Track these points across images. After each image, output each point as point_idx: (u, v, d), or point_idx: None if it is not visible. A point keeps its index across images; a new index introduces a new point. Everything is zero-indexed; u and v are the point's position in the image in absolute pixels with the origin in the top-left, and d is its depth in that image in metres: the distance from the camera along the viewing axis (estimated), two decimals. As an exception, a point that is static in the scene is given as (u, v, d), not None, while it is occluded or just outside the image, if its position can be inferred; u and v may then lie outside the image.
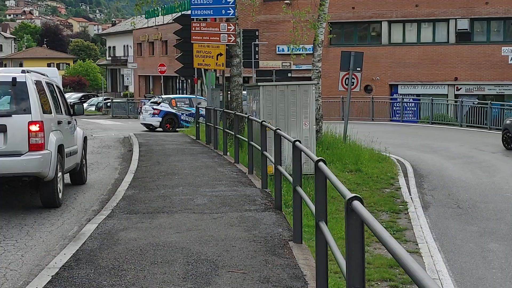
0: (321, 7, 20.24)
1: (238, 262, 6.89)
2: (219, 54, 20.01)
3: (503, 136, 23.40)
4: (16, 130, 10.11)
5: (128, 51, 77.70)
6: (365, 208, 3.73)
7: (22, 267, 7.58)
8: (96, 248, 7.52)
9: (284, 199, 10.68)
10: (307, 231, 9.23)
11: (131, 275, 6.44)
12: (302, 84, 15.28)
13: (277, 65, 43.04)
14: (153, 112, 30.28)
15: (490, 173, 17.86)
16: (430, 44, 42.78)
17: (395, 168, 17.91)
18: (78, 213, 10.62)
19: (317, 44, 20.11)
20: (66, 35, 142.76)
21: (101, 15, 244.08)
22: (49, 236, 9.06)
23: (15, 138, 10.09)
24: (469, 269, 9.90)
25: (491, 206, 13.92)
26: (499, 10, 40.90)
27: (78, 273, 6.57)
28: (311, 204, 6.39)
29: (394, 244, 3.02)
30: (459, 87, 41.63)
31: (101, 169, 15.90)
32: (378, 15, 43.35)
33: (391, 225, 11.75)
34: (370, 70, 39.23)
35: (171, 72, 41.98)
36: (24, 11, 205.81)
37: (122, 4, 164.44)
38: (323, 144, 18.78)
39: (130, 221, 8.92)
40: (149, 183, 12.28)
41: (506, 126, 23.41)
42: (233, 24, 19.62)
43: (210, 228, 8.43)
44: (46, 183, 10.51)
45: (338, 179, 4.90)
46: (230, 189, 11.45)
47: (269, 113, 14.77)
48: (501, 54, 40.30)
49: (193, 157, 16.60)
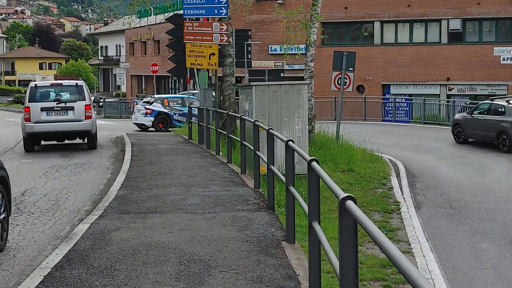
0: (314, 7, 20.25)
1: (231, 262, 6.87)
2: (212, 54, 20.00)
3: (454, 130, 25.01)
4: (79, 108, 19.07)
5: (120, 51, 77.54)
6: (358, 208, 3.73)
7: (14, 267, 7.55)
8: (88, 248, 7.49)
9: (277, 199, 10.67)
10: (299, 231, 9.23)
11: (124, 275, 6.43)
12: (294, 84, 15.29)
13: (269, 65, 43.04)
14: (145, 112, 30.23)
15: (483, 173, 17.90)
16: (423, 44, 42.86)
17: (388, 168, 17.93)
18: (70, 213, 10.59)
19: (310, 44, 20.11)
20: (58, 34, 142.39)
21: (93, 14, 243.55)
22: (41, 236, 9.03)
23: (78, 112, 19.04)
24: (462, 268, 9.92)
25: (483, 206, 13.95)
26: (491, 11, 41.01)
27: (70, 273, 6.54)
28: (304, 204, 6.39)
29: (387, 244, 3.01)
30: (451, 87, 41.73)
31: (93, 169, 15.87)
32: (370, 15, 43.40)
33: (383, 225, 11.77)
34: (362, 70, 39.26)
35: (164, 71, 41.92)
36: (16, 11, 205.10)
37: (115, 4, 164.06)
38: (316, 144, 18.79)
39: (122, 221, 8.90)
40: (142, 183, 12.26)
41: (457, 121, 24.94)
42: (225, 24, 19.60)
43: (202, 228, 8.42)
44: (91, 135, 19.75)
45: (331, 179, 4.90)
46: (222, 189, 11.44)
47: (261, 113, 14.76)
48: (493, 54, 40.42)
49: (186, 157, 16.58)
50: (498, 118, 22.69)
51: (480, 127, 23.64)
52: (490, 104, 24.03)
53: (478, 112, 24.26)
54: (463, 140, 24.50)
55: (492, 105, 23.67)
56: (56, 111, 18.89)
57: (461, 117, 25.12)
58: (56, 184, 13.45)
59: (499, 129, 22.49)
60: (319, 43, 35.91)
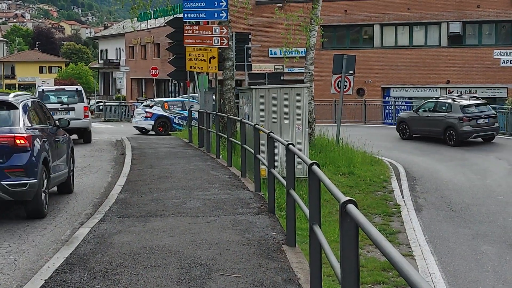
0: (313, 10, 20.27)
1: (232, 265, 6.88)
2: (212, 57, 20.02)
3: (399, 128, 27.37)
4: (79, 109, 22.89)
5: (120, 54, 77.59)
6: (359, 211, 3.74)
7: (15, 271, 7.55)
8: (89, 252, 7.50)
9: (278, 202, 10.67)
10: (300, 234, 9.23)
11: (125, 279, 6.43)
12: (294, 87, 15.31)
13: (269, 68, 43.07)
14: (145, 115, 30.24)
15: (482, 176, 17.90)
16: (422, 47, 42.89)
17: (388, 171, 17.94)
18: (71, 217, 10.59)
19: (310, 47, 20.13)
20: (58, 38, 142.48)
21: (93, 18, 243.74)
22: (42, 240, 9.03)
23: (78, 112, 22.76)
24: (462, 271, 9.92)
25: (483, 208, 13.96)
26: (490, 13, 41.04)
27: (71, 277, 6.55)
28: (304, 207, 6.39)
29: (388, 247, 3.02)
30: (451, 90, 41.73)
31: (93, 172, 15.87)
32: (370, 18, 43.44)
33: (384, 228, 11.77)
34: (362, 73, 39.28)
35: (164, 75, 41.96)
36: (16, 14, 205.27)
37: (116, 7, 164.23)
38: (316, 147, 18.80)
39: (123, 225, 8.90)
40: (142, 187, 12.26)
41: (403, 119, 27.35)
42: (225, 27, 19.62)
43: (203, 232, 8.42)
44: (88, 132, 23.60)
45: (331, 182, 4.90)
46: (223, 192, 11.44)
47: (262, 116, 14.77)
48: (493, 57, 40.47)
49: (186, 160, 16.58)
50: (445, 115, 24.88)
51: (426, 123, 25.82)
52: (436, 102, 26.25)
53: (423, 110, 26.55)
54: (408, 136, 26.63)
55: (438, 103, 25.93)
56: (60, 111, 22.20)
57: (407, 115, 27.44)
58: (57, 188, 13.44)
59: (446, 125, 24.75)
60: (319, 46, 35.94)
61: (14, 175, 9.81)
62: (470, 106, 25.05)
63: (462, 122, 24.31)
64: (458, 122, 24.34)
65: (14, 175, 9.81)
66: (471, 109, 24.96)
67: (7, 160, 9.80)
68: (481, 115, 24.91)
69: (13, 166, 9.81)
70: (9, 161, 9.81)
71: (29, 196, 9.98)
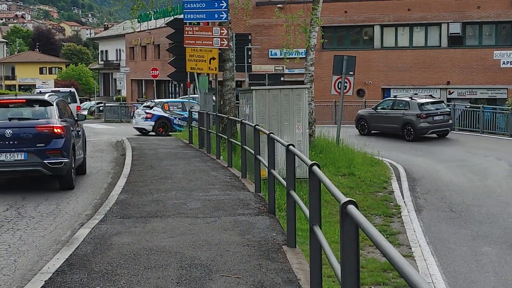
0: (314, 11, 20.26)
1: (232, 266, 6.87)
2: (212, 58, 20.01)
3: (358, 125, 28.96)
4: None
5: (121, 55, 77.59)
6: (360, 212, 3.73)
7: (15, 272, 7.55)
8: (89, 253, 7.49)
9: (278, 203, 10.66)
10: (300, 235, 9.23)
11: (125, 280, 6.42)
12: (295, 88, 15.30)
13: (269, 69, 43.07)
14: (145, 116, 30.24)
15: (483, 176, 17.90)
16: (423, 48, 42.89)
17: (388, 172, 17.93)
18: (71, 218, 10.59)
19: (310, 48, 20.13)
20: (58, 39, 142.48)
21: (94, 19, 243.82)
22: (42, 240, 9.03)
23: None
24: (463, 272, 9.91)
25: (484, 209, 13.95)
26: (491, 14, 41.04)
27: (72, 278, 6.54)
28: (305, 208, 6.39)
29: (389, 248, 3.02)
30: (451, 91, 41.74)
31: (94, 173, 15.86)
32: (370, 19, 43.43)
33: (384, 229, 11.77)
34: (362, 74, 39.27)
35: (164, 76, 41.94)
36: (16, 15, 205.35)
37: (116, 8, 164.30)
38: (316, 148, 18.79)
39: (123, 226, 8.90)
40: (142, 188, 12.26)
41: (362, 117, 29.03)
42: (225, 28, 19.62)
43: (203, 233, 8.41)
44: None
45: (332, 183, 4.90)
46: (223, 193, 11.44)
47: (262, 117, 14.77)
48: (493, 58, 40.46)
49: (186, 161, 16.57)
50: (403, 112, 26.57)
51: (385, 120, 27.42)
52: (394, 100, 27.98)
53: (381, 108, 28.28)
54: (367, 132, 28.34)
55: (396, 102, 27.60)
56: None
57: (366, 113, 29.15)
58: (57, 189, 13.44)
59: (404, 122, 26.45)
60: (319, 47, 35.94)
61: (53, 156, 12.62)
62: (426, 104, 26.98)
63: (419, 119, 26.12)
64: (416, 118, 26.13)
65: (53, 156, 12.62)
66: (427, 106, 26.87)
67: (48, 144, 12.63)
68: (437, 112, 26.90)
69: (52, 149, 12.63)
70: (49, 145, 12.64)
71: (63, 172, 12.84)
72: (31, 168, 12.62)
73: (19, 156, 12.56)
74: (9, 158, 12.54)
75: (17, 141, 12.56)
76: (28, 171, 12.72)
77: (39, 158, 12.56)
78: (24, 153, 12.56)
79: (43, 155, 12.53)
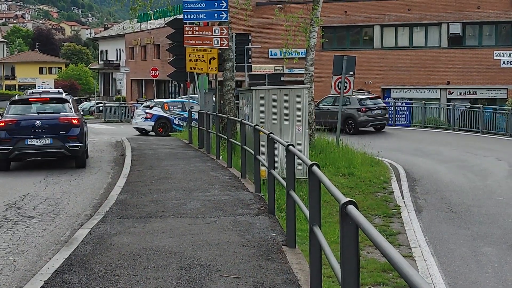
0: (314, 11, 20.25)
1: (232, 266, 6.86)
2: (212, 58, 20.00)
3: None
4: None
5: (121, 55, 77.58)
6: (359, 212, 3.72)
7: (14, 272, 7.54)
8: (88, 253, 7.48)
9: (277, 203, 10.65)
10: (300, 235, 9.22)
11: (124, 280, 6.41)
12: (295, 88, 15.29)
13: (269, 69, 43.06)
14: (145, 116, 30.24)
15: (483, 177, 17.88)
16: (422, 48, 42.87)
17: (388, 172, 17.92)
18: (70, 218, 10.58)
19: (310, 48, 20.12)
20: (58, 39, 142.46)
21: (93, 19, 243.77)
22: (41, 241, 9.02)
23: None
24: (463, 273, 9.90)
25: (484, 210, 13.93)
26: (491, 14, 41.02)
27: (71, 278, 6.53)
28: (304, 209, 6.38)
29: (389, 248, 3.00)
30: (451, 91, 41.71)
31: (93, 173, 15.86)
32: (370, 19, 43.42)
33: (384, 229, 11.76)
34: (362, 74, 39.26)
35: (164, 76, 41.95)
36: (16, 15, 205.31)
37: (116, 8, 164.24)
38: (316, 148, 18.78)
39: (123, 226, 8.89)
40: (142, 188, 12.25)
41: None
42: (225, 28, 19.61)
43: (203, 233, 8.40)
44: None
45: (332, 183, 4.89)
46: (223, 194, 11.43)
47: (262, 117, 14.76)
48: (493, 58, 40.44)
49: (186, 161, 16.57)
50: (344, 107, 26.91)
51: (327, 116, 28.25)
52: (335, 97, 28.74)
53: (323, 104, 30.26)
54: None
55: (337, 98, 27.55)
56: None
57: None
58: (56, 189, 13.45)
59: (346, 116, 28.08)
60: (319, 47, 35.92)
61: (72, 140, 16.18)
62: (365, 99, 29.61)
63: (360, 113, 28.87)
64: (356, 112, 28.79)
65: (72, 140, 16.18)
66: (366, 101, 29.56)
67: (68, 132, 16.18)
68: (375, 106, 29.71)
69: (71, 135, 16.19)
70: (69, 132, 16.19)
71: (79, 153, 16.45)
72: (55, 150, 16.16)
73: (46, 141, 16.14)
74: (39, 143, 16.12)
75: (44, 129, 16.09)
76: (53, 153, 16.35)
77: (62, 142, 16.10)
78: (50, 139, 16.13)
79: (64, 140, 16.11)
